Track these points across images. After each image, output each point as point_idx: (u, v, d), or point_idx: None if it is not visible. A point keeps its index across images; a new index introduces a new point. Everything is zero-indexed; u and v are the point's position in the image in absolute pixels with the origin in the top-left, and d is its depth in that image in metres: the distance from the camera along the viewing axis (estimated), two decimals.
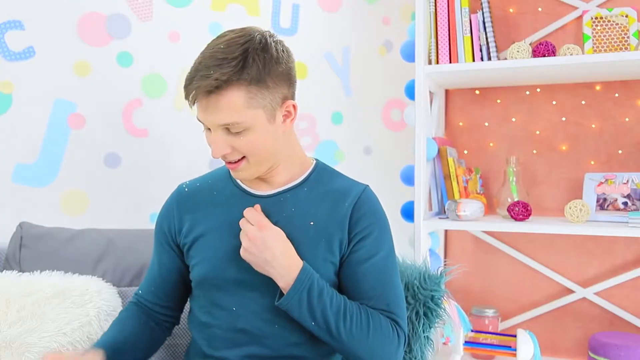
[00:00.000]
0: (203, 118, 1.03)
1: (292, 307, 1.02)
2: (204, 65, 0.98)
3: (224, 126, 1.02)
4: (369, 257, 1.09)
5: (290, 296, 1.01)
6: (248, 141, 1.03)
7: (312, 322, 1.03)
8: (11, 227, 1.45)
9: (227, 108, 0.99)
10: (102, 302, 1.28)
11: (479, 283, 2.15)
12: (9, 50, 1.54)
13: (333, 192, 1.13)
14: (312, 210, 1.10)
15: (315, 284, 1.03)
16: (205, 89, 0.98)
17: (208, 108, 1.00)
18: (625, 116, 1.96)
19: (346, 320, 1.04)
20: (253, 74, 0.98)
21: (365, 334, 1.04)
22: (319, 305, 1.02)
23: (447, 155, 1.96)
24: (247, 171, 1.08)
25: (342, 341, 1.04)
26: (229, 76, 0.97)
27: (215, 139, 1.04)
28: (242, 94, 0.99)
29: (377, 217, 1.12)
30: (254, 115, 1.01)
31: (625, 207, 1.82)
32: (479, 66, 1.82)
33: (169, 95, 1.82)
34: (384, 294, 1.09)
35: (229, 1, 1.94)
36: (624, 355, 1.72)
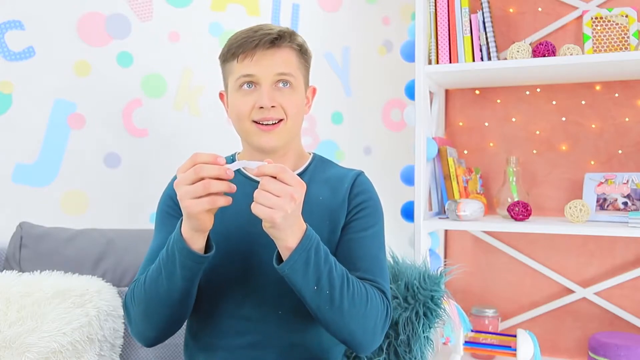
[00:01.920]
0: (258, 70, 1.07)
1: (297, 266, 0.95)
2: (258, 29, 1.09)
3: (278, 76, 1.08)
4: (362, 229, 1.12)
5: (297, 253, 0.94)
6: (292, 99, 1.10)
7: (315, 285, 0.96)
8: (11, 227, 1.45)
9: (285, 60, 1.09)
10: (102, 302, 1.28)
11: (479, 283, 2.15)
12: (9, 50, 1.54)
13: (331, 178, 1.18)
14: (313, 195, 1.13)
15: (320, 244, 0.99)
16: (270, 39, 1.07)
17: (265, 59, 1.07)
18: (625, 116, 1.96)
19: (349, 286, 1.00)
20: (301, 44, 1.13)
21: (364, 304, 1.02)
22: (325, 265, 0.97)
23: (447, 155, 1.96)
24: (280, 135, 1.10)
25: (342, 310, 0.99)
26: (288, 35, 1.10)
27: (266, 90, 1.08)
28: (294, 54, 1.11)
29: (370, 196, 1.17)
30: (301, 76, 1.13)
31: (625, 207, 1.82)
32: (479, 66, 1.82)
33: (169, 95, 1.82)
34: (372, 266, 1.10)
35: (229, 1, 1.94)
36: (624, 355, 1.72)
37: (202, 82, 1.88)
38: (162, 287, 1.00)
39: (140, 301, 1.04)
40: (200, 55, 1.87)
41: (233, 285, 1.09)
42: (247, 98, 1.08)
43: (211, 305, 1.12)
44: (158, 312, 1.03)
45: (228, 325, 1.11)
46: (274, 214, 0.90)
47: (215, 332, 1.12)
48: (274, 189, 0.90)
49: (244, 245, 1.05)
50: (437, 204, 2.02)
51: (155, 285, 1.01)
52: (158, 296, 1.01)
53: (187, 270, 0.98)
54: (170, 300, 1.01)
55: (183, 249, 0.96)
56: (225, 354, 1.11)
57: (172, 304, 1.02)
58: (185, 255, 0.96)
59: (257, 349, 1.10)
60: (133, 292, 1.07)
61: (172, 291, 1.00)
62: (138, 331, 1.08)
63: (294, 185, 0.91)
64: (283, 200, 0.89)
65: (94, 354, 1.25)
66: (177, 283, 0.99)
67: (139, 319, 1.06)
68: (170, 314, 1.04)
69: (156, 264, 1.02)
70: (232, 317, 1.10)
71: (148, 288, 1.02)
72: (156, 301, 1.02)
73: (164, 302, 1.02)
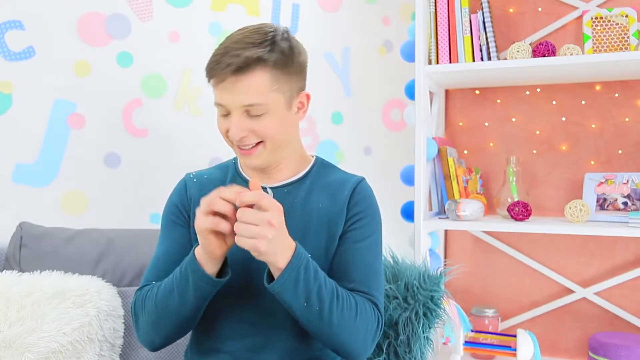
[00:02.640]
0: (226, 99, 1.05)
1: (287, 285, 0.97)
2: (231, 48, 1.02)
3: (246, 107, 1.04)
4: (359, 240, 1.12)
5: (287, 273, 0.96)
6: (266, 125, 1.06)
7: (305, 302, 0.99)
8: (11, 227, 1.44)
9: (252, 89, 1.02)
10: (102, 302, 1.28)
11: (479, 283, 2.15)
12: (9, 50, 1.54)
13: (332, 183, 1.17)
14: (314, 201, 1.14)
15: (310, 262, 1.01)
16: (235, 66, 1.01)
17: (233, 88, 1.03)
18: (625, 116, 1.96)
19: (339, 301, 1.02)
20: (279, 58, 1.04)
21: (353, 317, 1.03)
22: (315, 283, 0.99)
23: (447, 155, 1.96)
24: (261, 157, 1.10)
25: (332, 324, 1.01)
26: (258, 56, 1.01)
27: (235, 121, 1.05)
28: (267, 76, 1.03)
29: (370, 204, 1.16)
30: (275, 99, 1.05)
31: (625, 207, 1.82)
32: (479, 66, 1.82)
33: (169, 95, 1.82)
34: (367, 278, 1.11)
35: (229, 1, 1.94)
36: (624, 355, 1.72)
37: (202, 82, 1.87)
38: (174, 303, 1.03)
39: (150, 312, 1.07)
40: (200, 55, 1.87)
41: (234, 290, 1.09)
42: (224, 122, 1.08)
43: (212, 310, 1.12)
44: (167, 324, 1.07)
45: (229, 328, 1.11)
46: (256, 244, 0.92)
47: (216, 336, 1.13)
48: (251, 219, 0.92)
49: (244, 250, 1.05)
50: (437, 204, 2.02)
51: (167, 300, 1.04)
52: (168, 311, 1.05)
53: (199, 290, 1.01)
54: (180, 315, 1.05)
55: (196, 270, 1.00)
56: (227, 357, 1.11)
57: (182, 318, 1.06)
58: (198, 276, 1.00)
59: (258, 352, 1.10)
60: (144, 302, 1.09)
61: (183, 308, 1.04)
62: (145, 338, 1.11)
63: (271, 210, 0.93)
64: (262, 228, 0.92)
65: (94, 354, 1.25)
66: (189, 301, 1.03)
67: (147, 328, 1.09)
68: (180, 326, 1.08)
69: (169, 281, 1.05)
70: (234, 321, 1.11)
71: (159, 302, 1.05)
72: (166, 315, 1.05)
73: (174, 317, 1.05)
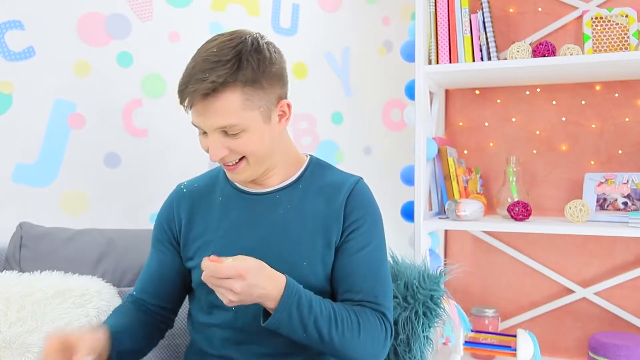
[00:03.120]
0: (199, 122, 1.03)
1: (282, 323, 0.98)
2: (198, 70, 0.99)
3: (220, 129, 1.02)
4: (360, 248, 1.10)
5: (279, 312, 0.97)
6: (245, 142, 1.03)
7: (304, 333, 1.00)
8: (11, 227, 1.45)
9: (224, 110, 0.99)
10: (102, 302, 1.28)
11: (479, 283, 2.15)
12: (9, 50, 1.54)
13: (327, 186, 1.14)
14: (308, 206, 1.11)
15: (302, 296, 1.00)
16: (202, 92, 0.98)
17: (204, 112, 1.00)
18: (625, 116, 1.96)
19: (338, 326, 1.02)
20: (248, 75, 0.99)
21: (356, 335, 1.04)
22: (310, 316, 0.99)
23: (447, 155, 1.96)
24: (245, 173, 1.08)
25: (334, 345, 1.02)
26: (224, 78, 0.97)
27: (212, 142, 1.03)
28: (237, 96, 0.99)
29: (369, 209, 1.13)
30: (250, 117, 1.02)
31: (625, 207, 1.82)
32: (479, 66, 1.81)
33: (169, 95, 1.82)
34: (373, 286, 1.10)
35: (229, 1, 1.94)
36: (624, 355, 1.71)
37: None
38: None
39: None
40: None
41: None
42: (204, 141, 1.07)
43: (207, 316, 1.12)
44: None
45: (223, 335, 1.11)
46: (233, 302, 0.94)
47: (211, 342, 1.12)
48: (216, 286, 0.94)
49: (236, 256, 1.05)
50: (437, 204, 2.02)
51: None
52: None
53: None
54: None
55: None
56: None
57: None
58: None
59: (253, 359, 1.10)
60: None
61: None
62: None
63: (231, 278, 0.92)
64: (228, 293, 0.93)
65: None
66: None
67: None
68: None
69: None
70: (227, 328, 1.10)
71: None
72: None
73: None
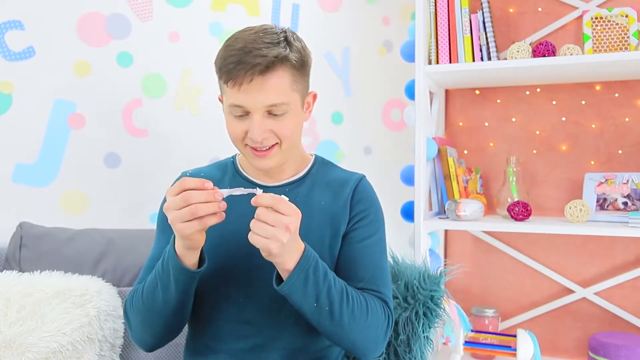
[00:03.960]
0: (247, 100, 1.01)
1: (296, 287, 0.97)
2: (251, 48, 0.99)
3: (269, 107, 1.02)
4: (365, 238, 1.13)
5: (296, 275, 0.96)
6: (286, 125, 1.04)
7: (315, 302, 0.99)
8: (11, 227, 1.45)
9: (277, 87, 1.01)
10: (102, 302, 1.28)
11: (479, 283, 2.15)
12: (9, 50, 1.54)
13: (333, 181, 1.17)
14: (315, 200, 1.14)
15: (319, 262, 1.01)
16: (264, 65, 0.98)
17: (258, 89, 1.00)
18: (625, 116, 1.96)
19: (349, 301, 1.02)
20: (297, 57, 1.03)
21: (364, 316, 1.04)
22: (324, 284, 0.99)
23: (447, 155, 1.96)
24: (275, 158, 1.08)
25: (343, 325, 1.02)
26: (283, 55, 1.00)
27: (257, 122, 1.02)
28: (288, 75, 1.02)
29: (372, 202, 1.17)
30: (294, 99, 1.05)
31: (625, 207, 1.82)
32: (479, 66, 1.82)
33: (169, 95, 1.82)
34: (376, 275, 1.12)
35: (229, 1, 1.94)
36: (624, 355, 1.72)
37: (202, 82, 1.88)
38: (159, 299, 1.03)
39: (138, 311, 1.07)
40: (200, 55, 1.87)
41: (234, 289, 1.10)
42: (240, 124, 1.05)
43: (212, 310, 1.12)
44: (155, 321, 1.07)
45: (229, 329, 1.11)
46: (269, 244, 0.92)
47: (216, 336, 1.12)
48: (270, 220, 0.91)
49: (244, 249, 1.04)
50: (437, 204, 2.02)
51: (152, 296, 1.04)
52: (155, 307, 1.05)
53: (180, 284, 1.01)
54: (166, 310, 1.05)
55: (176, 265, 0.99)
56: (226, 357, 1.11)
57: (168, 314, 1.05)
58: (178, 271, 1.00)
59: (259, 352, 1.10)
60: (132, 301, 1.10)
61: (168, 303, 1.03)
62: (137, 337, 1.12)
63: (290, 215, 0.92)
64: (278, 231, 0.91)
65: (94, 354, 1.25)
66: (172, 295, 1.02)
67: (138, 327, 1.10)
68: (167, 323, 1.08)
69: (152, 277, 1.05)
70: (234, 321, 1.11)
71: (145, 299, 1.06)
72: (153, 312, 1.05)
73: (161, 313, 1.05)
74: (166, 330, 1.09)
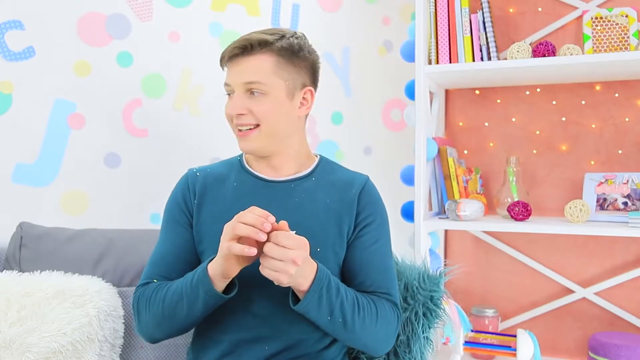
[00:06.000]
0: (231, 77, 1.13)
1: (311, 306, 1.03)
2: (246, 35, 1.13)
3: (247, 85, 1.11)
4: (374, 242, 1.18)
5: (310, 295, 1.03)
6: (265, 107, 1.12)
7: (329, 317, 1.05)
8: (11, 227, 1.45)
9: (255, 68, 1.11)
10: (102, 302, 1.28)
11: (479, 283, 2.15)
12: (9, 50, 1.54)
13: (338, 180, 1.22)
14: (321, 197, 1.17)
15: (331, 279, 1.06)
16: (242, 45, 1.10)
17: (238, 67, 1.12)
18: (625, 116, 1.96)
19: (360, 311, 1.08)
20: (285, 48, 1.12)
21: (374, 322, 1.10)
22: (337, 300, 1.05)
23: (447, 155, 1.96)
24: (256, 142, 1.14)
25: (355, 332, 1.08)
26: (265, 42, 1.11)
27: (236, 98, 1.13)
28: (271, 61, 1.11)
29: (378, 206, 1.22)
30: (276, 84, 1.12)
31: (625, 207, 1.82)
32: (479, 66, 1.81)
33: (169, 95, 1.82)
34: (385, 278, 1.17)
35: (229, 1, 1.94)
36: (624, 355, 1.72)
37: (202, 82, 1.88)
38: (181, 312, 1.08)
39: (155, 314, 1.10)
40: (200, 55, 1.87)
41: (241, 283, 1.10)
42: (228, 104, 1.15)
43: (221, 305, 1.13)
44: (172, 326, 1.11)
45: (235, 321, 1.13)
46: (279, 277, 0.98)
47: (222, 328, 1.14)
48: (277, 255, 0.96)
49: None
50: (437, 204, 2.02)
51: (174, 308, 1.08)
52: (175, 317, 1.09)
53: (209, 305, 1.06)
54: (187, 321, 1.10)
55: (208, 289, 1.03)
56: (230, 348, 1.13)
57: (188, 323, 1.10)
58: (208, 293, 1.04)
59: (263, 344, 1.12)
60: (149, 302, 1.12)
61: (190, 317, 1.08)
62: (145, 332, 1.15)
63: (295, 249, 0.97)
64: (286, 265, 0.97)
65: (94, 354, 1.25)
66: (197, 312, 1.07)
67: (149, 324, 1.13)
68: (184, 329, 1.12)
69: (178, 290, 1.08)
70: (239, 314, 1.13)
71: (166, 308, 1.08)
72: (172, 319, 1.09)
73: (180, 321, 1.10)
74: (180, 332, 1.13)
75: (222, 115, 1.19)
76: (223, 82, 1.16)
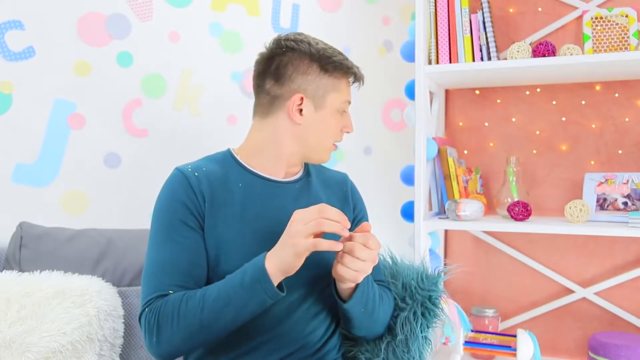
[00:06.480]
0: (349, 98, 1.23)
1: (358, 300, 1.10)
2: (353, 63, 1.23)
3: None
4: None
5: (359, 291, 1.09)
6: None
7: (363, 308, 1.11)
8: (11, 227, 1.45)
9: None
10: (102, 302, 1.28)
11: (479, 283, 2.15)
12: (9, 50, 1.55)
13: (331, 179, 1.30)
14: (322, 195, 1.24)
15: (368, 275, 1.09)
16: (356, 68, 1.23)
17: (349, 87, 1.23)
18: (625, 116, 1.96)
19: (382, 300, 1.18)
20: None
21: (388, 309, 1.21)
22: (372, 291, 1.13)
23: (447, 155, 1.96)
24: None
25: (377, 320, 1.17)
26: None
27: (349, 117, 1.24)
28: None
29: (362, 200, 1.34)
30: None
31: (625, 207, 1.82)
32: (479, 66, 1.81)
33: (169, 95, 1.82)
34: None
35: (229, 1, 1.94)
36: (624, 355, 1.71)
37: (202, 82, 1.88)
38: (227, 315, 1.00)
39: (189, 324, 1.00)
40: (200, 55, 1.88)
41: None
42: (340, 121, 1.21)
43: None
44: (210, 335, 1.02)
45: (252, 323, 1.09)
46: (358, 276, 1.02)
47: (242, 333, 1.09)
48: (363, 256, 1.00)
49: (265, 245, 1.04)
50: (437, 204, 2.02)
51: (218, 313, 1.00)
52: (218, 323, 1.01)
53: (261, 305, 1.01)
54: (230, 326, 1.02)
55: (269, 289, 0.98)
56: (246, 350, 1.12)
57: (229, 329, 1.03)
58: (269, 294, 0.99)
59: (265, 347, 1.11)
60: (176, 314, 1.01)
61: (237, 320, 1.02)
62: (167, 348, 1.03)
63: (376, 250, 1.02)
64: (368, 265, 1.01)
65: (94, 354, 1.25)
66: (246, 315, 1.01)
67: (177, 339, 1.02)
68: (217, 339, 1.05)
69: (221, 295, 1.00)
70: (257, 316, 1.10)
71: (207, 316, 0.99)
72: (212, 327, 1.01)
73: (222, 328, 1.02)
74: (217, 340, 1.05)
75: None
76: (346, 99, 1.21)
